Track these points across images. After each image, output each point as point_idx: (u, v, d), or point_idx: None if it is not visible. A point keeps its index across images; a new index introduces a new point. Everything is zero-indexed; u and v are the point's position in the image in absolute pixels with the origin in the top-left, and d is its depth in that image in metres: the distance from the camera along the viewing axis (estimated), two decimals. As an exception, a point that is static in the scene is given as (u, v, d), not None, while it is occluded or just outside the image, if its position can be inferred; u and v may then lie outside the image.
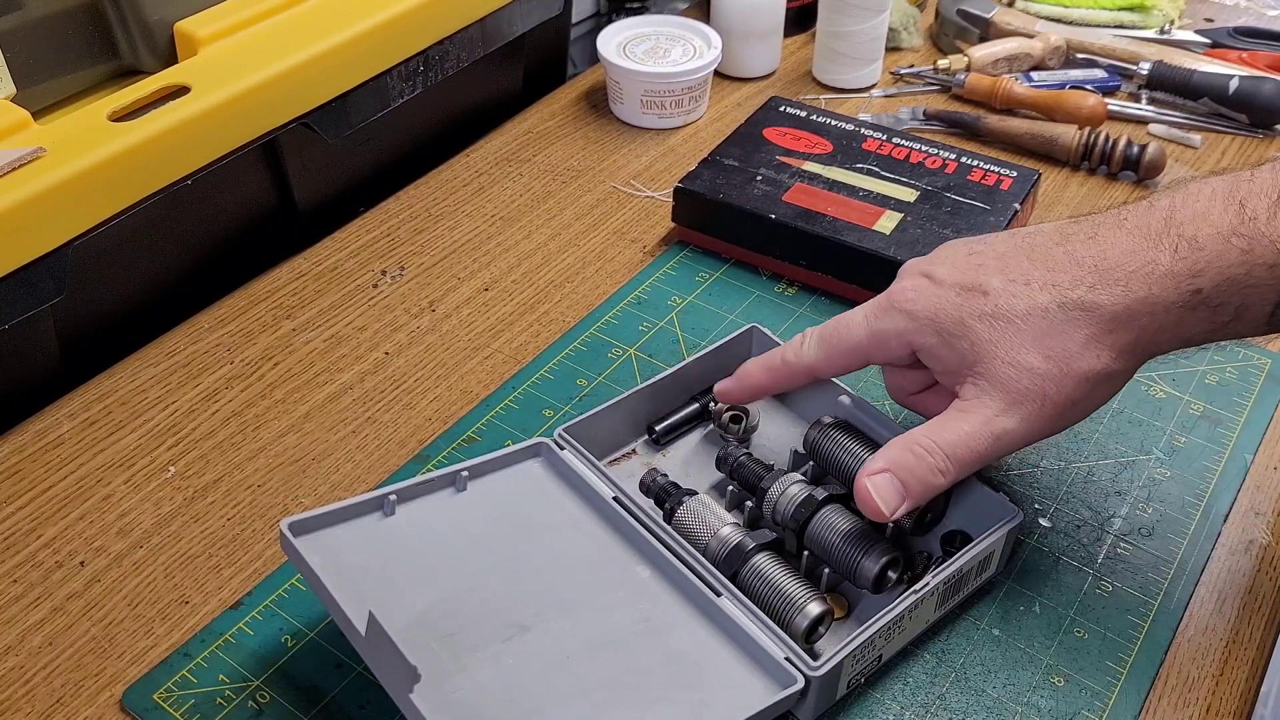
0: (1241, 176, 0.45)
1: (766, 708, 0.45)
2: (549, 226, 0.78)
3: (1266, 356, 0.66)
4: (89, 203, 0.61)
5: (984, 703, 0.50)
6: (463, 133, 0.87)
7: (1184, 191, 0.46)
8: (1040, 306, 0.46)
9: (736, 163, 0.76)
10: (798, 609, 0.48)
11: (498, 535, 0.52)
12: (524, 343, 0.68)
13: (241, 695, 0.50)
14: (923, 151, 0.77)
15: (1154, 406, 0.63)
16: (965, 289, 0.48)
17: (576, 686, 0.46)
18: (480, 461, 0.54)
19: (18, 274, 0.58)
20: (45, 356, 0.65)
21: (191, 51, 0.69)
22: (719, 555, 0.50)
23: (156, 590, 0.54)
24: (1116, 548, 0.56)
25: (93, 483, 0.60)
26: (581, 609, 0.49)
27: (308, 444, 0.62)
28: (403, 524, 0.51)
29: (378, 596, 0.48)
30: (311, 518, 0.49)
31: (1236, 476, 0.59)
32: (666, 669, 0.47)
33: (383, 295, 0.72)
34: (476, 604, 0.49)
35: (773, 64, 0.94)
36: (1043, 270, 0.47)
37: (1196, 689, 0.51)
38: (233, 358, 0.67)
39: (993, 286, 0.47)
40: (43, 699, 0.50)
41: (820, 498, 0.52)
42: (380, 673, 0.45)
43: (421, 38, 0.76)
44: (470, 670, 0.46)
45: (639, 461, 0.59)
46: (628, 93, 0.86)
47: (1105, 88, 0.90)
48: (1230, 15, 1.00)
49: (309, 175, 0.77)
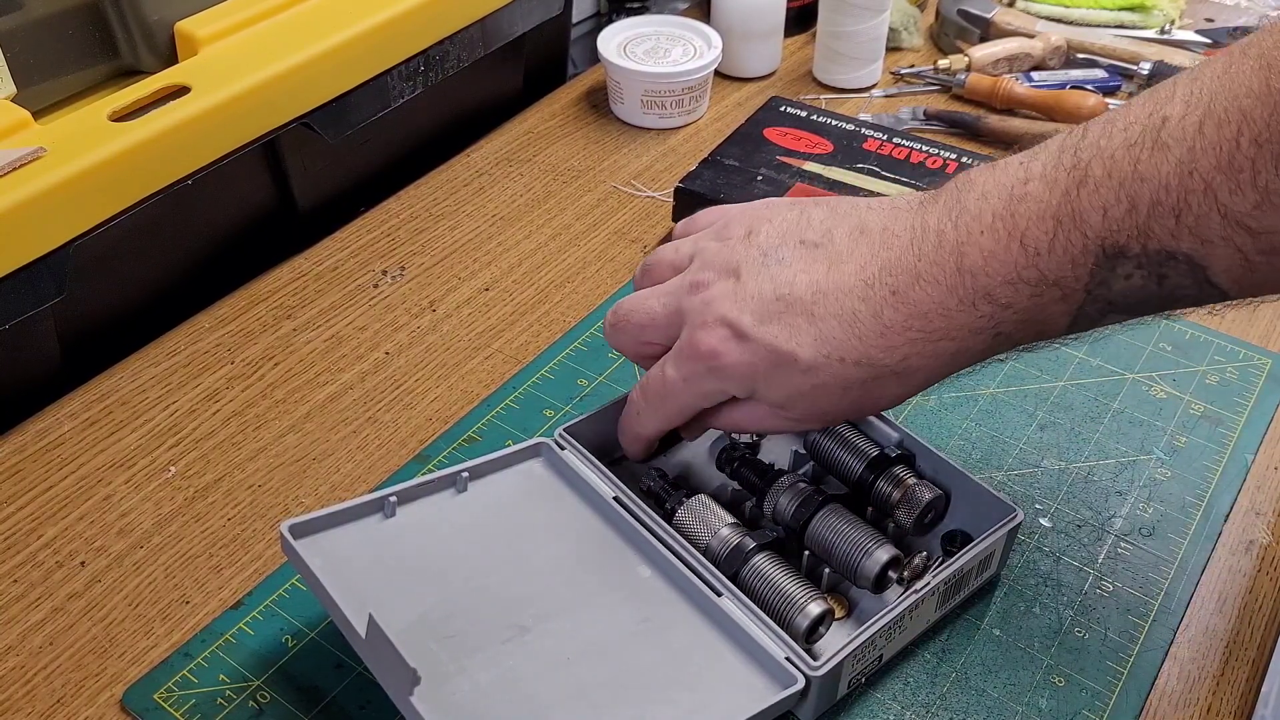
0: (1015, 191, 0.43)
1: (767, 708, 0.45)
2: (549, 226, 0.78)
3: (1267, 356, 0.66)
4: (89, 203, 0.61)
5: (984, 703, 0.50)
6: (463, 133, 0.87)
7: (965, 216, 0.44)
8: (853, 381, 0.47)
9: (737, 163, 0.76)
10: (798, 609, 0.48)
11: (498, 536, 0.52)
12: (524, 343, 0.68)
13: (242, 695, 0.49)
14: (923, 151, 0.77)
15: (1155, 407, 0.63)
16: (776, 354, 0.47)
17: (577, 687, 0.46)
18: (481, 462, 0.54)
19: (18, 274, 0.58)
20: (45, 356, 0.65)
21: (192, 51, 0.69)
22: (719, 555, 0.50)
23: (157, 590, 0.54)
24: (1117, 548, 0.56)
25: (93, 483, 0.60)
26: (582, 609, 0.49)
27: (308, 444, 0.62)
28: (403, 525, 0.51)
29: (378, 598, 0.48)
30: (311, 520, 0.49)
31: (1237, 476, 0.59)
32: (667, 669, 0.47)
33: (383, 295, 0.72)
34: (477, 605, 0.49)
35: (773, 64, 0.94)
36: (855, 344, 0.46)
37: (1197, 689, 0.51)
38: (233, 358, 0.67)
39: (804, 358, 0.46)
40: (43, 699, 0.50)
41: (820, 498, 0.52)
42: (380, 675, 0.45)
43: (421, 38, 0.76)
44: (470, 671, 0.46)
45: (639, 462, 0.58)
46: (628, 93, 0.86)
47: (1106, 88, 0.90)
48: (1230, 15, 1.00)
49: (309, 175, 0.77)
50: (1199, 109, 0.39)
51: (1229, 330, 0.68)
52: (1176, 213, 0.39)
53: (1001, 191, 0.43)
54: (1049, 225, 0.42)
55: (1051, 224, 0.42)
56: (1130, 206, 0.40)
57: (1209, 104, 0.38)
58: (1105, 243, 0.41)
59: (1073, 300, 0.43)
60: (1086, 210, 0.41)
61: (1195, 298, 0.42)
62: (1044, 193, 0.42)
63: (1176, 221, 0.39)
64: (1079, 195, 0.41)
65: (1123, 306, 0.43)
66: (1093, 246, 0.41)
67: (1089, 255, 0.41)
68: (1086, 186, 0.41)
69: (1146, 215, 0.40)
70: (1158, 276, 0.41)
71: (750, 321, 0.47)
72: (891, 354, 0.45)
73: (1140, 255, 0.41)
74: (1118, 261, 0.41)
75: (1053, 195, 0.42)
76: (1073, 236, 0.41)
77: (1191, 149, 0.38)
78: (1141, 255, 0.41)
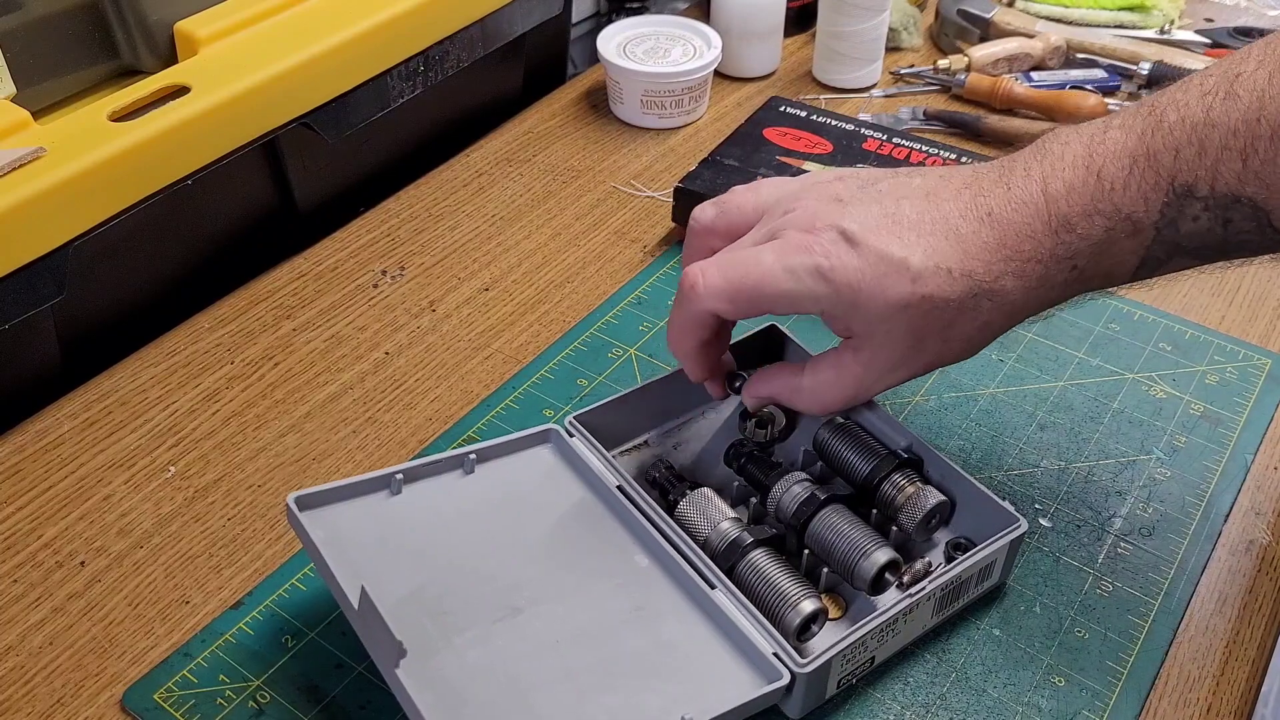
0: (1096, 137, 0.46)
1: (750, 700, 0.45)
2: (549, 226, 0.78)
3: (1267, 357, 0.66)
4: (89, 203, 0.61)
5: (984, 703, 0.50)
6: (463, 133, 0.87)
7: (1050, 158, 0.47)
8: (956, 298, 0.47)
9: (737, 163, 0.76)
10: (790, 605, 0.48)
11: (501, 518, 0.52)
12: (524, 343, 0.68)
13: (242, 695, 0.50)
14: (923, 151, 0.77)
15: (1154, 406, 0.63)
16: (887, 260, 0.47)
17: (563, 670, 0.47)
18: (489, 445, 0.54)
19: (18, 274, 0.58)
20: (45, 356, 0.65)
21: (191, 51, 0.69)
22: (717, 548, 0.50)
23: (157, 590, 0.54)
24: (1117, 548, 0.56)
25: (93, 483, 0.60)
26: (576, 594, 0.50)
27: (308, 444, 0.62)
28: (408, 503, 0.52)
29: (375, 572, 0.49)
30: (318, 493, 0.50)
31: (1237, 476, 0.59)
32: (655, 658, 0.48)
33: (383, 295, 0.72)
34: (472, 584, 0.49)
35: (773, 64, 0.94)
36: (959, 256, 0.47)
37: (1197, 689, 0.51)
38: (233, 358, 0.67)
39: (915, 264, 0.47)
40: (43, 699, 0.50)
41: (823, 497, 0.52)
42: (369, 646, 0.45)
43: (421, 38, 0.76)
44: (458, 648, 0.47)
45: (650, 453, 0.59)
46: (628, 93, 0.86)
47: (1105, 88, 0.90)
48: (1230, 15, 1.00)
49: (309, 175, 0.77)
50: (1269, 65, 0.42)
51: (1229, 330, 0.68)
52: (1244, 157, 0.42)
53: (1083, 138, 0.47)
54: (1125, 162, 0.45)
55: (1128, 161, 0.45)
56: (1200, 148, 0.43)
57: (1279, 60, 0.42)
58: (1176, 181, 0.44)
59: (1143, 237, 0.45)
60: (1160, 150, 0.44)
61: (1257, 244, 0.45)
62: (1122, 137, 0.45)
63: (1243, 165, 0.42)
64: (1154, 137, 0.44)
65: (1189, 249, 0.45)
66: (1164, 184, 0.44)
67: (1160, 192, 0.44)
68: (1161, 130, 0.44)
69: (1215, 158, 0.43)
70: (1223, 220, 0.44)
71: (860, 229, 0.48)
72: (989, 270, 0.47)
73: (1208, 197, 0.44)
74: (1186, 201, 0.44)
75: (1129, 138, 0.45)
76: (1146, 174, 0.44)
77: (1260, 98, 0.42)
78: (1209, 197, 0.44)
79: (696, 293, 0.50)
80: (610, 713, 0.45)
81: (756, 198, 0.53)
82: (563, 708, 0.45)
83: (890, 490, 0.53)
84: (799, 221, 0.49)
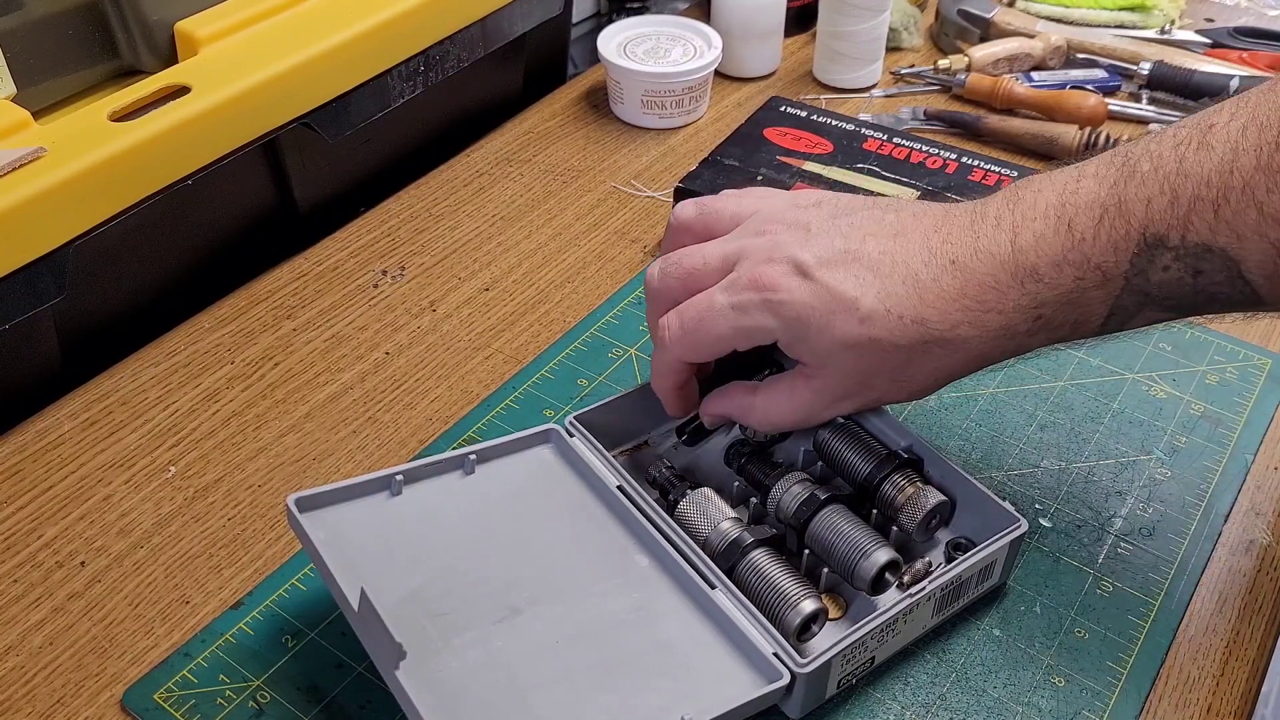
0: (1069, 186, 0.46)
1: (750, 701, 0.45)
2: (549, 226, 0.78)
3: (1267, 356, 0.66)
4: (89, 203, 0.61)
5: (984, 703, 0.50)
6: (463, 133, 0.87)
7: (1021, 207, 0.47)
8: (906, 343, 0.47)
9: (737, 163, 0.76)
10: (790, 605, 0.48)
11: (501, 519, 0.52)
12: (524, 343, 0.68)
13: (242, 695, 0.50)
14: (923, 151, 0.77)
15: (1155, 407, 0.63)
16: (837, 298, 0.48)
17: (563, 670, 0.47)
18: (490, 445, 0.54)
19: (18, 274, 0.58)
20: (45, 356, 0.65)
21: (191, 51, 0.69)
22: (717, 548, 0.50)
23: (157, 590, 0.54)
24: (1117, 548, 0.56)
25: (93, 483, 0.60)
26: (575, 594, 0.50)
27: (308, 444, 0.62)
28: (408, 504, 0.52)
29: (375, 573, 0.49)
30: (318, 494, 0.50)
31: (1237, 476, 0.59)
32: (654, 658, 0.48)
33: (383, 295, 0.72)
34: (472, 585, 0.49)
35: (773, 64, 0.94)
36: (914, 302, 0.47)
37: (1197, 689, 0.51)
38: (233, 358, 0.67)
39: (865, 305, 0.47)
40: (43, 699, 0.50)
41: (823, 497, 0.52)
42: (369, 648, 0.45)
43: (421, 38, 0.76)
44: (458, 649, 0.47)
45: (651, 453, 0.59)
46: (628, 93, 0.86)
47: (1106, 88, 0.90)
48: (1230, 15, 1.00)
49: (309, 175, 0.77)
50: (1243, 116, 0.42)
51: (1229, 330, 0.68)
52: (1215, 207, 0.42)
53: (1056, 187, 0.47)
54: (1096, 212, 0.45)
55: (1098, 211, 0.45)
56: (1173, 198, 0.43)
57: (1253, 112, 0.42)
58: (1147, 231, 0.44)
59: (1112, 287, 0.45)
60: (1132, 200, 0.44)
61: (1228, 297, 0.44)
62: (1094, 186, 0.45)
63: (1215, 215, 0.42)
64: (1126, 187, 0.44)
65: (1158, 299, 0.45)
66: (1135, 234, 0.44)
67: (1130, 242, 0.44)
68: (1134, 180, 0.44)
69: (1187, 208, 0.43)
70: (1194, 270, 0.43)
71: (815, 263, 0.48)
72: (945, 319, 0.47)
73: (1179, 247, 0.43)
74: (1157, 251, 0.44)
75: (1101, 188, 0.45)
76: (1117, 223, 0.44)
77: (1234, 149, 0.42)
78: (1180, 247, 0.43)
79: (665, 344, 0.52)
80: (610, 713, 0.45)
81: (738, 206, 0.53)
82: (562, 708, 0.45)
83: (890, 490, 0.53)
84: (759, 251, 0.50)
